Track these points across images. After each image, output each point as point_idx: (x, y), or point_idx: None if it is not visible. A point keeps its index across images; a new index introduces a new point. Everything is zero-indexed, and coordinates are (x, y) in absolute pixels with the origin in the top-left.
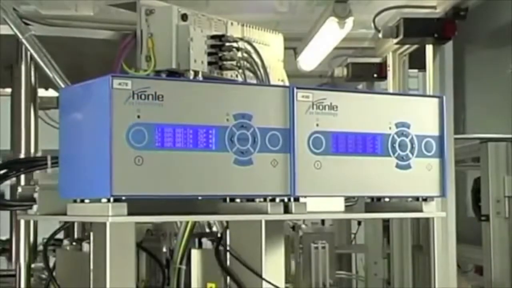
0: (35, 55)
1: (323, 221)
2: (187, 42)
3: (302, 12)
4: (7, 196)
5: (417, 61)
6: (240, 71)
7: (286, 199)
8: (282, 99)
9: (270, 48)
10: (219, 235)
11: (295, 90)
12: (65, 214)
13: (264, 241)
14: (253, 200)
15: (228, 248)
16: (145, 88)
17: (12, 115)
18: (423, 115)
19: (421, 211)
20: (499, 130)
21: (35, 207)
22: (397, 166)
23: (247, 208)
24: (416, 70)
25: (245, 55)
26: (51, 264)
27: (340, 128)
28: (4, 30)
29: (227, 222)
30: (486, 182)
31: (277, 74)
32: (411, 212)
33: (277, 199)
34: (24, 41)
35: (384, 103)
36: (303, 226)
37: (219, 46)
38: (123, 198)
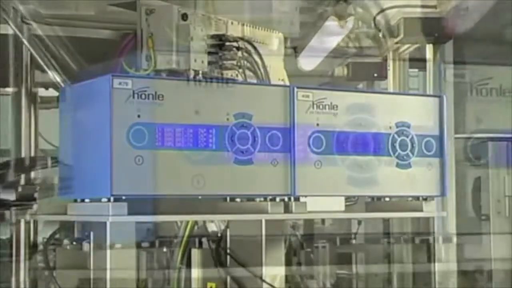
0: (35, 55)
1: (323, 221)
2: (187, 42)
3: (302, 12)
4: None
5: (417, 61)
6: (240, 70)
7: (286, 199)
8: (283, 98)
9: (271, 47)
10: (219, 235)
11: (295, 89)
12: (65, 214)
13: (264, 241)
14: (253, 200)
15: (228, 248)
16: (145, 88)
17: (12, 115)
18: (423, 114)
19: (421, 210)
20: (499, 130)
21: (35, 207)
22: (398, 165)
23: (247, 207)
24: (416, 70)
25: (245, 54)
26: (51, 264)
27: (340, 127)
28: (4, 29)
29: (227, 221)
30: (487, 181)
31: (278, 74)
32: (411, 212)
33: (277, 199)
34: (24, 40)
35: (384, 103)
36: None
37: (219, 45)
38: (123, 197)
